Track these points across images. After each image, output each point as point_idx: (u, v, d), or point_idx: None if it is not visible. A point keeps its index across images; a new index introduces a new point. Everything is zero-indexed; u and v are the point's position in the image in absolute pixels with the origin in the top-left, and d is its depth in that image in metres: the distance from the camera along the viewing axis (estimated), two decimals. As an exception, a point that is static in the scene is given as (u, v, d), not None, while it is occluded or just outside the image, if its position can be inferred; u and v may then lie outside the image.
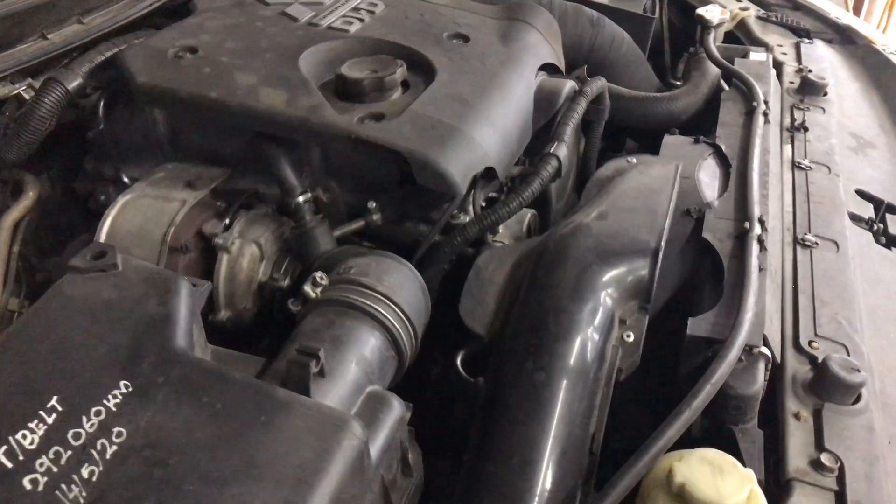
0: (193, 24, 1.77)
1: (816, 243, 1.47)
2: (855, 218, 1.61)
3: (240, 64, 1.59)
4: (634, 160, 1.54)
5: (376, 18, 1.85)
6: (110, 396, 0.92)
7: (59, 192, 1.85)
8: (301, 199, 1.48)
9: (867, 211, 1.66)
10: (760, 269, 1.30)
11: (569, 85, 1.78)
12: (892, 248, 1.58)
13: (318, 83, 1.59)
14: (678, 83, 2.22)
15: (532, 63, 1.78)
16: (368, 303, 1.15)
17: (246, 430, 0.91)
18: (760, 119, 1.73)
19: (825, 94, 1.99)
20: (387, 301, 1.17)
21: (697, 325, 1.22)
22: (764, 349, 1.18)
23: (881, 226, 1.62)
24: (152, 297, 1.05)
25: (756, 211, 1.42)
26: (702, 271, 1.39)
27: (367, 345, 1.11)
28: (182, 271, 1.49)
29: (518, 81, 1.70)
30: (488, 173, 1.50)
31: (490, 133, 1.52)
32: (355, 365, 1.07)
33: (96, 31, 1.74)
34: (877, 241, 1.58)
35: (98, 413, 0.90)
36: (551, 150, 1.56)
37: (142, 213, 1.53)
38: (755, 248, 1.33)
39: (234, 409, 0.93)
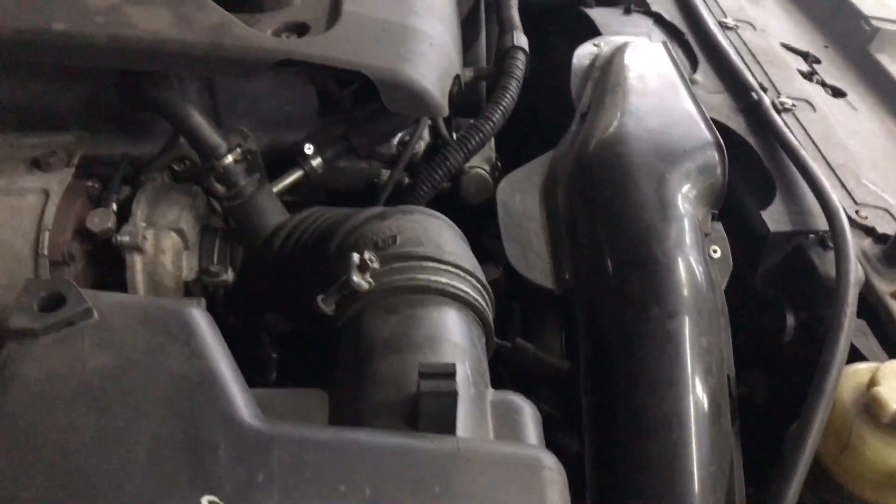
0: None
1: (794, 105, 1.37)
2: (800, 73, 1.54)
3: (76, -24, 1.11)
4: (602, 43, 1.33)
5: None
6: (199, 529, 0.57)
7: None
8: (231, 158, 1.08)
9: (800, 64, 1.60)
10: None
11: (478, -43, 1.50)
12: (839, 98, 1.54)
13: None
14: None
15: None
16: (445, 280, 0.84)
17: (425, 513, 0.61)
18: (684, -21, 1.58)
19: (699, -53, 1.89)
20: (460, 272, 0.87)
21: (775, 220, 1.07)
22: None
23: (820, 77, 1.57)
24: (170, 350, 0.67)
25: (752, 79, 1.28)
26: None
27: (465, 336, 0.82)
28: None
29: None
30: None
31: (441, 28, 1.21)
32: (468, 367, 0.78)
33: None
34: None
35: (196, 564, 0.55)
36: (514, 43, 1.29)
37: None
38: (779, 120, 1.19)
39: (390, 489, 0.62)
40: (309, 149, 1.18)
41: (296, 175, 1.18)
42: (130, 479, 0.59)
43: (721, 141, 1.07)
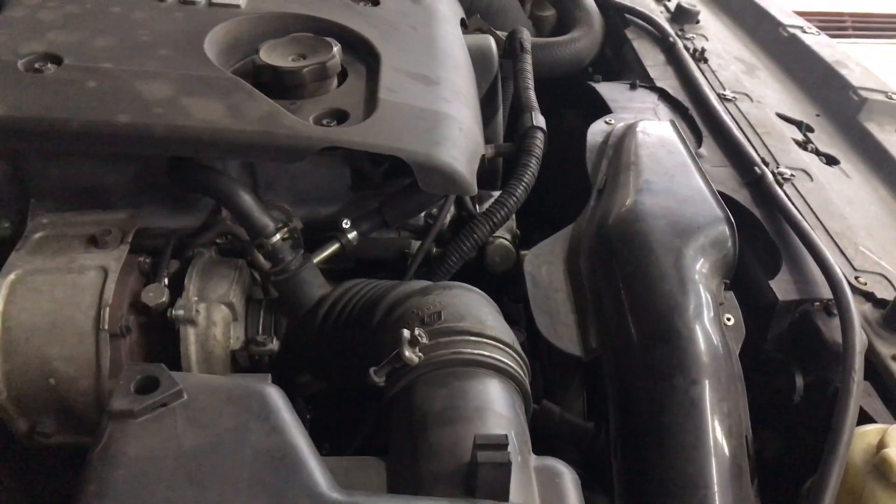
0: (23, 19, 1.31)
1: (793, 175, 1.47)
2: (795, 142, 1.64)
3: (133, 70, 1.20)
4: (613, 120, 1.43)
5: None
6: None
7: None
8: (278, 236, 1.17)
9: (795, 133, 1.70)
10: (792, 214, 1.27)
11: (492, 41, 1.60)
12: (833, 166, 1.64)
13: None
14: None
15: (453, 19, 1.57)
16: (488, 353, 0.93)
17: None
18: (686, 55, 1.70)
19: (698, 21, 2.02)
20: (500, 345, 0.95)
21: (783, 290, 1.15)
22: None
23: (814, 145, 1.67)
24: (253, 426, 0.75)
25: (754, 153, 1.38)
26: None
27: (509, 406, 0.90)
28: (126, 361, 1.14)
29: (456, 43, 1.49)
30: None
31: (468, 113, 1.31)
32: (513, 436, 0.86)
33: None
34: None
35: None
36: (533, 123, 1.39)
37: (47, 295, 1.13)
38: (781, 194, 1.29)
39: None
40: (346, 223, 1.26)
41: (333, 247, 1.26)
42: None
43: (730, 216, 1.16)
